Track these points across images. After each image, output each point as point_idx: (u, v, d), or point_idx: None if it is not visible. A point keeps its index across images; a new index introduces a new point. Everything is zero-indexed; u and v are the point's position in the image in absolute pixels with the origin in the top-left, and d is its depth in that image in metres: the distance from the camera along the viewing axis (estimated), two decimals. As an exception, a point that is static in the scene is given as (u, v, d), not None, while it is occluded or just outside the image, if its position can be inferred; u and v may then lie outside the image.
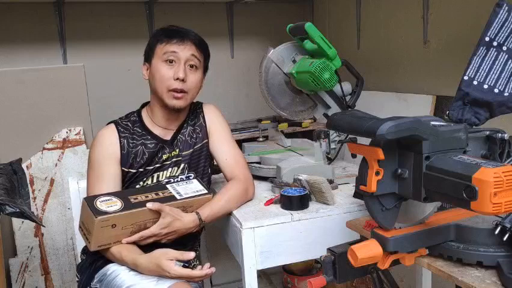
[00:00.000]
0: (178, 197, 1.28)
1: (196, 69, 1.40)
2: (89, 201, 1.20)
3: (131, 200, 1.23)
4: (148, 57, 1.41)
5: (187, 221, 1.25)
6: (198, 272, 1.17)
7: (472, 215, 0.91)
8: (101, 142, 1.39)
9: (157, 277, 1.25)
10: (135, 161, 1.38)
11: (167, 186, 1.32)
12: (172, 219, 1.24)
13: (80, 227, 1.27)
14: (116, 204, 1.20)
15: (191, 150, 1.45)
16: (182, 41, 1.37)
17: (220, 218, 1.36)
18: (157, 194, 1.27)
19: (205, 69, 1.46)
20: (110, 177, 1.35)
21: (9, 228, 2.13)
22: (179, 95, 1.36)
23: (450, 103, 1.07)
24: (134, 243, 1.25)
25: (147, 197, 1.25)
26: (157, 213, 1.24)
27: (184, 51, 1.36)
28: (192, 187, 1.33)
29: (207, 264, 1.19)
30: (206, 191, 1.33)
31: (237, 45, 2.61)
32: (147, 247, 1.27)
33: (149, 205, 1.21)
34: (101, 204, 1.18)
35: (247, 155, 1.68)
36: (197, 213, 1.28)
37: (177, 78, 1.34)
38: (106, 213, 1.17)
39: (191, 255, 1.17)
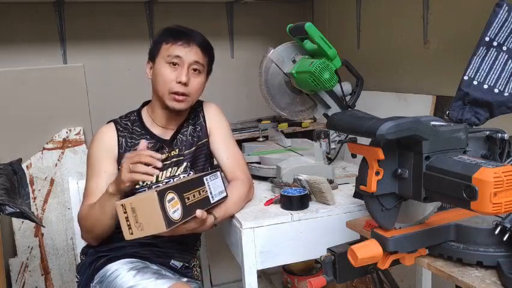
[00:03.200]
0: (211, 200, 1.25)
1: (199, 73, 1.39)
2: (161, 200, 1.09)
3: (186, 200, 1.16)
4: (152, 56, 1.40)
5: (208, 224, 1.23)
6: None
7: (472, 215, 0.90)
8: (99, 140, 1.40)
9: (156, 277, 1.25)
10: None
11: (204, 180, 1.26)
12: (201, 225, 1.21)
13: (123, 205, 1.11)
14: (177, 207, 1.13)
15: (193, 148, 1.45)
16: (188, 43, 1.36)
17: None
18: (199, 193, 1.22)
19: (209, 72, 1.46)
20: (106, 174, 1.35)
21: (9, 228, 2.14)
22: (180, 97, 1.36)
23: (450, 103, 1.07)
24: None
25: (194, 196, 1.20)
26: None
27: (189, 55, 1.35)
28: (218, 184, 1.30)
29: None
30: (226, 194, 1.31)
31: (237, 45, 2.61)
32: (149, 240, 1.28)
33: (198, 214, 1.16)
34: (169, 207, 1.11)
35: (247, 155, 1.68)
36: (215, 218, 1.25)
37: (179, 82, 1.34)
38: (173, 222, 1.10)
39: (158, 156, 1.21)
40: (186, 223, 1.16)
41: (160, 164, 1.20)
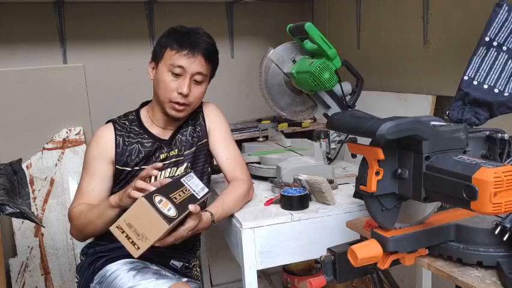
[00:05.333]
0: (197, 196, 1.24)
1: (201, 82, 1.38)
2: (151, 202, 1.07)
3: (174, 200, 1.15)
4: (156, 58, 1.38)
5: (205, 220, 1.22)
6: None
7: (472, 215, 0.91)
8: (97, 140, 1.40)
9: (156, 277, 1.25)
10: (130, 158, 1.38)
11: (182, 181, 1.26)
12: (199, 221, 1.20)
13: (118, 227, 1.08)
14: (169, 206, 1.11)
15: (194, 148, 1.45)
16: (192, 53, 1.33)
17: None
18: (183, 193, 1.21)
19: (212, 77, 1.45)
20: (100, 176, 1.36)
21: (9, 228, 2.13)
22: (180, 107, 1.36)
23: (450, 103, 1.07)
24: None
25: (180, 195, 1.19)
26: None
27: (192, 66, 1.33)
28: (196, 183, 1.29)
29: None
30: (207, 189, 1.31)
31: (237, 45, 2.61)
32: None
33: (191, 208, 1.15)
34: (161, 207, 1.09)
35: (247, 155, 1.68)
36: (211, 214, 1.25)
37: (180, 93, 1.34)
38: (172, 219, 1.09)
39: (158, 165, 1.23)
40: (185, 224, 1.15)
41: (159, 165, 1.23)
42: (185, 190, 1.23)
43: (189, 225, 1.17)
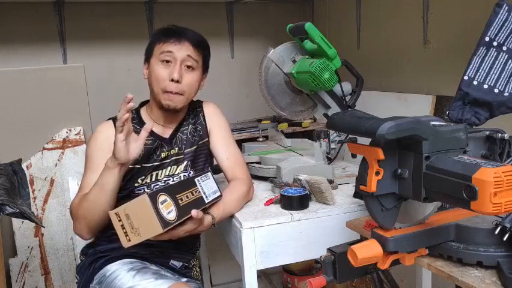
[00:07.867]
0: (205, 200, 1.24)
1: (192, 69, 1.39)
2: (153, 202, 1.08)
3: (179, 201, 1.16)
4: (147, 57, 1.41)
5: (206, 224, 1.22)
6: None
7: (472, 215, 0.90)
8: (97, 137, 1.40)
9: (156, 277, 1.25)
10: None
11: (195, 181, 1.26)
12: (199, 225, 1.20)
13: (116, 214, 1.10)
14: (171, 209, 1.12)
15: (194, 147, 1.45)
16: (179, 40, 1.36)
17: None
18: (192, 194, 1.21)
19: (206, 68, 1.46)
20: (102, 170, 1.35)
21: (9, 228, 2.14)
22: (174, 96, 1.36)
23: (450, 103, 1.07)
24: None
25: (187, 197, 1.19)
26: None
27: (181, 51, 1.36)
28: (210, 185, 1.29)
29: None
30: (220, 193, 1.30)
31: (237, 45, 2.61)
32: (148, 240, 1.27)
33: (193, 214, 1.15)
34: (162, 209, 1.10)
35: (247, 155, 1.68)
36: (213, 218, 1.24)
37: (172, 80, 1.34)
38: (169, 223, 1.10)
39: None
40: (184, 225, 1.15)
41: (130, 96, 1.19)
42: (195, 191, 1.22)
43: (187, 227, 1.17)
